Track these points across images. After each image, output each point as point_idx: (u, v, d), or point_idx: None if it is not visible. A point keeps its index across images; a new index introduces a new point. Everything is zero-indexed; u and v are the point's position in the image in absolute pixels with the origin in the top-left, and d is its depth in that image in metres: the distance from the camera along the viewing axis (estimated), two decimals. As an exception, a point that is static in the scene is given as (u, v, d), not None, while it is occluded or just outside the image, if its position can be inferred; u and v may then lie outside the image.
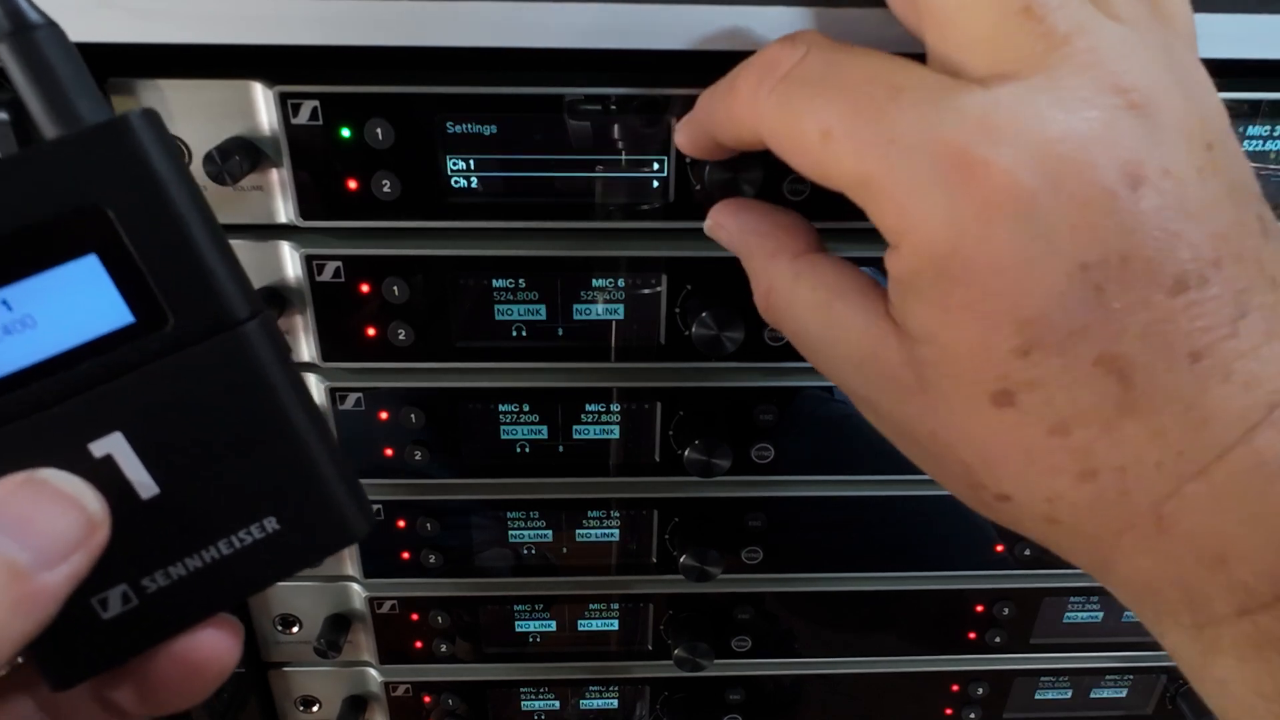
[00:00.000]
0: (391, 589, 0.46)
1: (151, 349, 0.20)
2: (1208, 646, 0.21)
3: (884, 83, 0.22)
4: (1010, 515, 0.24)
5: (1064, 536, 0.23)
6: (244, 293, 0.21)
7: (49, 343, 0.19)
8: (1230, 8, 0.30)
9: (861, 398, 0.26)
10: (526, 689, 0.50)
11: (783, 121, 0.24)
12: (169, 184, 0.20)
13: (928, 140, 0.20)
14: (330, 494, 0.22)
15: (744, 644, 0.48)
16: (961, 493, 0.25)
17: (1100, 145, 0.20)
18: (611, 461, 0.42)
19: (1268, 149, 0.35)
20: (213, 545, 0.21)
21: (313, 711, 0.51)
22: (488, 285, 0.37)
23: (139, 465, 0.20)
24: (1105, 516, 0.21)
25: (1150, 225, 0.19)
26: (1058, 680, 0.52)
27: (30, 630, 0.18)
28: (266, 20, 0.29)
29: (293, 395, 0.22)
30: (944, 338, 0.22)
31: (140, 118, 0.20)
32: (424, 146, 0.34)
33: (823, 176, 0.23)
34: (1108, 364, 0.20)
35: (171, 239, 0.20)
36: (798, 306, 0.27)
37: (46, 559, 0.18)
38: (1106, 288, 0.20)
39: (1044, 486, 0.22)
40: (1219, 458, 0.20)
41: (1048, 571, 0.47)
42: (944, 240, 0.21)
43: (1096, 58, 0.20)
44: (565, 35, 0.30)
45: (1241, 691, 0.21)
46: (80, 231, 0.19)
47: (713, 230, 0.31)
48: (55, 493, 0.19)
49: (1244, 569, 0.20)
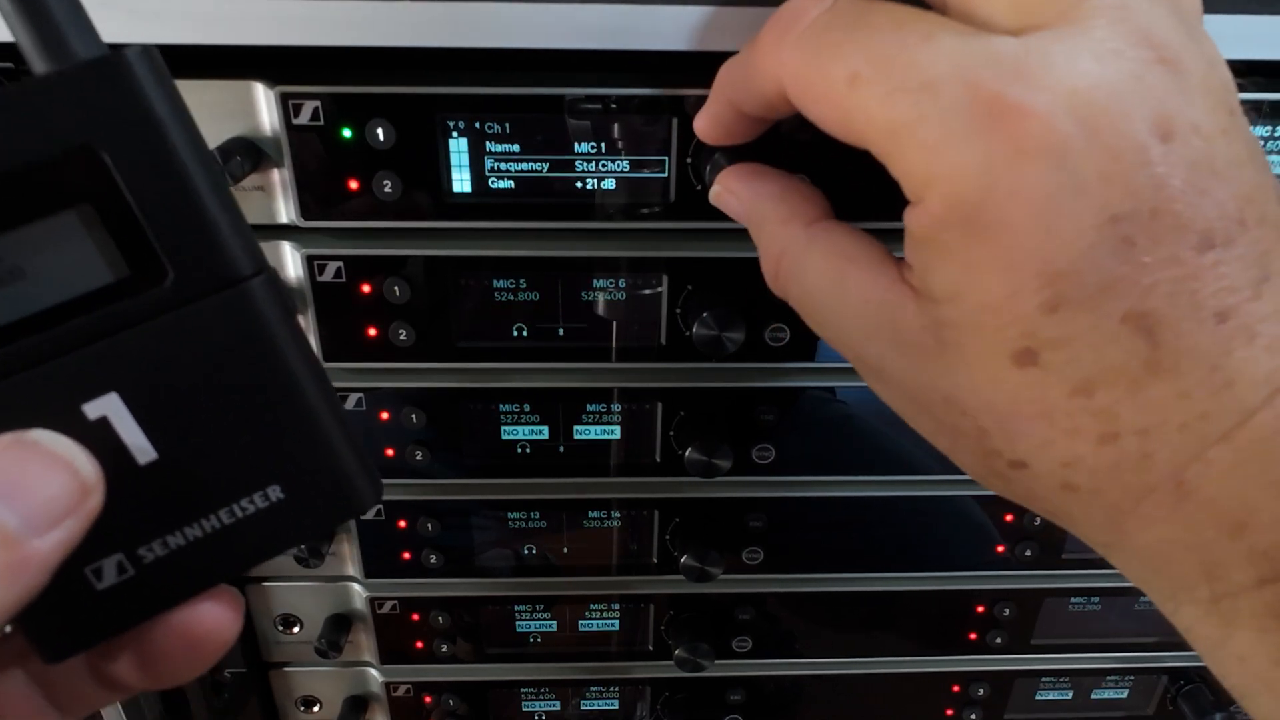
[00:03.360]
0: (392, 589, 0.46)
1: (149, 306, 0.19)
2: (1225, 620, 0.21)
3: (915, 29, 0.21)
4: (1024, 485, 0.23)
5: (1080, 505, 0.22)
6: (248, 248, 0.20)
7: (38, 296, 0.18)
8: (1230, 8, 0.30)
9: (871, 368, 0.25)
10: (527, 689, 0.50)
11: (808, 67, 0.23)
12: (169, 127, 0.18)
13: (961, 85, 0.20)
14: (338, 462, 0.21)
15: (745, 644, 0.48)
16: (972, 465, 0.24)
17: (1133, 97, 0.19)
18: (612, 462, 0.42)
19: (1268, 149, 0.35)
20: (214, 514, 0.20)
21: (313, 711, 0.51)
22: (489, 285, 0.37)
23: (136, 428, 0.19)
24: (1125, 482, 0.21)
25: (1180, 180, 0.19)
26: (1058, 681, 0.51)
27: (19, 599, 0.17)
28: (267, 21, 0.29)
29: (299, 357, 0.20)
30: (967, 294, 0.21)
31: (139, 54, 0.18)
32: (425, 147, 0.34)
33: (847, 126, 0.22)
34: (1136, 321, 0.20)
35: (171, 187, 0.18)
36: (810, 274, 0.26)
37: (36, 524, 0.17)
38: (1137, 241, 0.19)
39: (1063, 450, 0.21)
40: (1243, 422, 0.19)
41: (1049, 572, 0.47)
42: (974, 188, 0.20)
43: (1126, 13, 0.20)
44: (565, 35, 0.30)
45: (1262, 664, 0.20)
46: (72, 176, 0.18)
47: (720, 197, 0.30)
48: (46, 454, 0.18)
49: (1265, 537, 0.20)
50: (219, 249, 0.19)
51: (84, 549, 0.18)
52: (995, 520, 0.45)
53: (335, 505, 0.22)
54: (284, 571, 0.45)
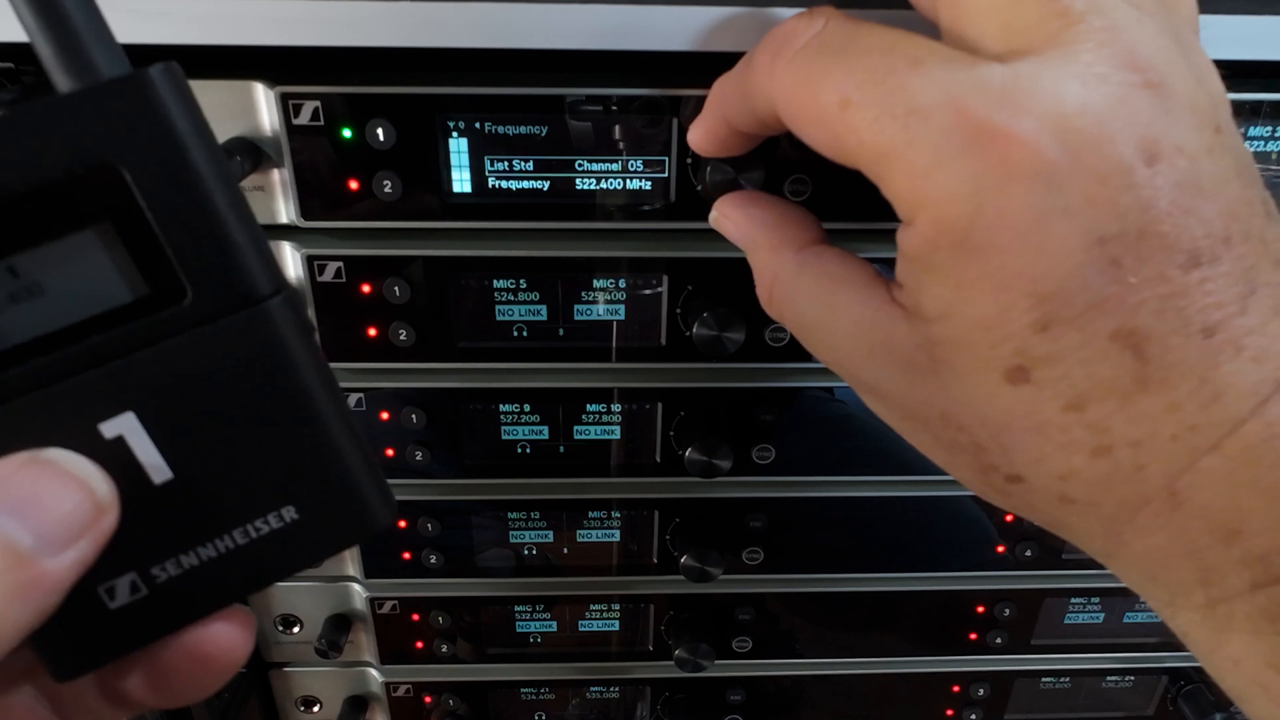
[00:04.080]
0: (392, 589, 0.46)
1: (167, 324, 0.19)
2: (1221, 624, 0.21)
3: (904, 54, 0.21)
4: (1022, 498, 0.23)
5: (1077, 516, 0.23)
6: (267, 267, 0.19)
7: (57, 314, 0.18)
8: (1230, 9, 0.30)
9: (868, 387, 0.26)
10: (527, 689, 0.50)
11: (800, 90, 0.23)
12: (191, 146, 0.18)
13: (950, 110, 0.20)
14: (353, 482, 0.21)
15: (745, 644, 0.48)
16: (970, 479, 0.25)
17: (1118, 121, 0.20)
18: (612, 462, 0.42)
19: (1269, 149, 0.35)
20: (227, 534, 0.20)
21: (313, 712, 0.51)
22: (489, 285, 0.37)
23: (151, 448, 0.19)
24: (1120, 493, 0.21)
25: (1166, 201, 0.20)
26: (1059, 681, 0.51)
27: (32, 619, 0.17)
28: (268, 21, 0.29)
29: (316, 378, 0.20)
30: (959, 314, 0.22)
31: (162, 72, 0.18)
32: (425, 147, 0.34)
33: (838, 148, 0.23)
34: (1124, 338, 0.20)
35: (192, 206, 0.18)
36: (802, 298, 0.27)
37: (50, 544, 0.17)
38: (1124, 261, 0.20)
39: (1059, 464, 0.22)
40: (1232, 431, 0.20)
41: (1049, 573, 0.47)
42: (963, 211, 0.20)
43: (1112, 36, 0.20)
44: (566, 36, 0.30)
45: (1256, 667, 0.21)
46: (93, 194, 0.18)
47: (718, 222, 0.30)
48: (61, 474, 0.18)
49: (1258, 542, 0.20)
50: (238, 268, 0.19)
51: (97, 568, 0.18)
52: (995, 520, 0.45)
53: (349, 526, 0.21)
54: (284, 571, 0.45)
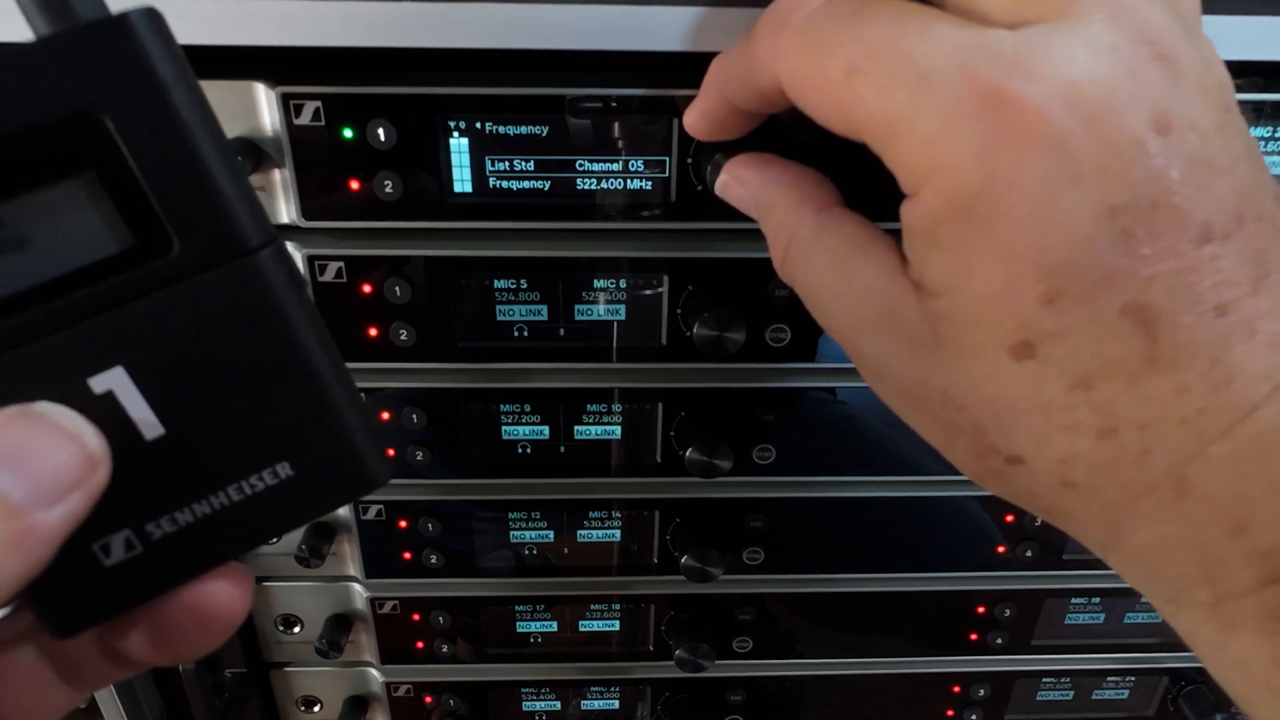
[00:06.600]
0: (393, 589, 0.46)
1: (155, 277, 0.18)
2: (1226, 624, 0.20)
3: (913, 21, 0.21)
4: (1021, 482, 0.23)
5: (1078, 503, 0.22)
6: (257, 218, 0.19)
7: (42, 267, 0.18)
8: (1230, 9, 0.30)
9: (870, 360, 0.25)
10: (528, 689, 0.50)
11: (805, 60, 0.23)
12: (174, 91, 0.18)
13: (960, 76, 0.20)
14: (349, 438, 0.21)
15: (745, 645, 0.48)
16: (968, 462, 0.24)
17: (1130, 91, 0.19)
18: (613, 462, 0.42)
19: (1269, 150, 0.35)
20: (222, 491, 0.20)
21: (314, 712, 0.51)
22: (489, 286, 0.37)
23: (143, 403, 0.19)
24: (1124, 478, 0.21)
25: (1178, 173, 0.19)
26: (1059, 681, 0.51)
27: (24, 571, 0.17)
28: (268, 21, 0.29)
29: (310, 331, 0.20)
30: (964, 287, 0.21)
31: (144, 16, 0.17)
32: (425, 147, 0.34)
33: (843, 118, 0.22)
34: (1134, 314, 0.19)
35: (177, 154, 0.18)
36: (817, 260, 0.26)
37: (41, 497, 0.17)
38: (1135, 233, 0.19)
39: (1061, 445, 0.21)
40: (1243, 418, 0.19)
41: (1049, 573, 0.47)
42: (972, 180, 0.20)
43: (1121, 10, 0.20)
44: (566, 36, 0.30)
45: (1265, 669, 0.20)
46: (75, 142, 0.17)
47: (727, 186, 0.29)
48: (51, 427, 0.17)
49: (1266, 536, 0.19)
50: (227, 218, 0.18)
51: (91, 525, 0.18)
52: (996, 521, 0.45)
53: (345, 483, 0.21)
54: (284, 571, 0.45)
